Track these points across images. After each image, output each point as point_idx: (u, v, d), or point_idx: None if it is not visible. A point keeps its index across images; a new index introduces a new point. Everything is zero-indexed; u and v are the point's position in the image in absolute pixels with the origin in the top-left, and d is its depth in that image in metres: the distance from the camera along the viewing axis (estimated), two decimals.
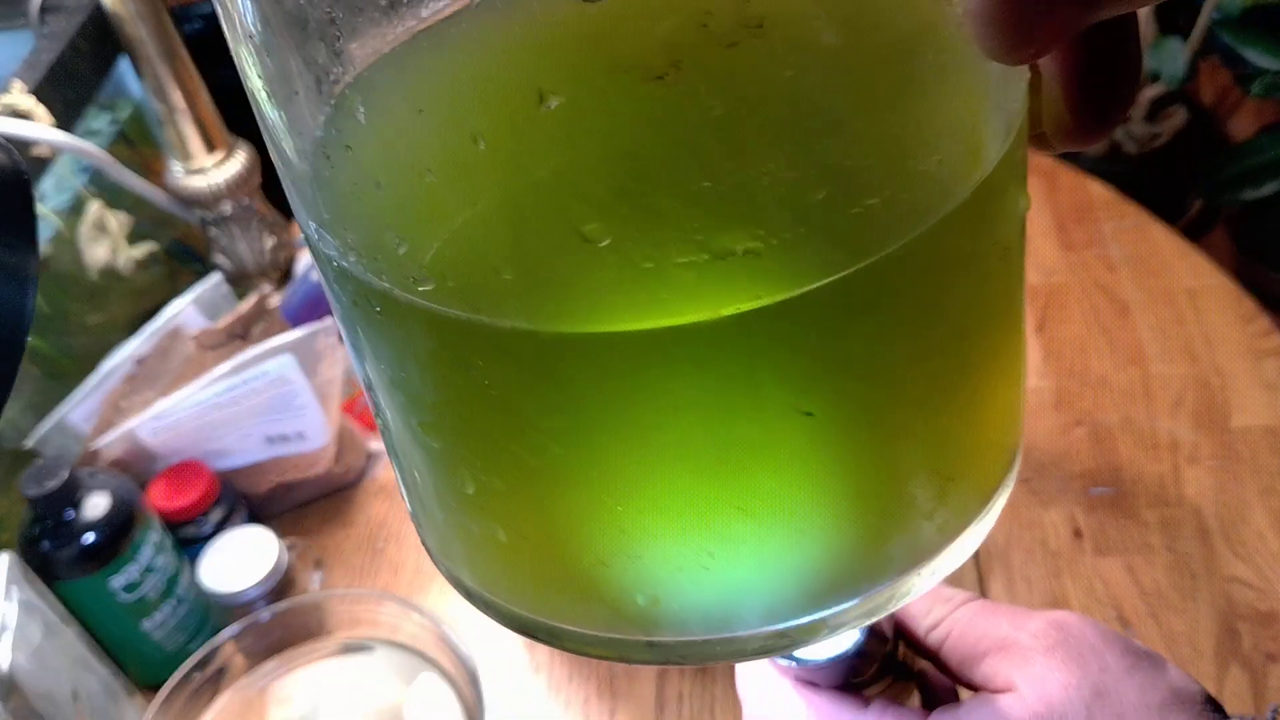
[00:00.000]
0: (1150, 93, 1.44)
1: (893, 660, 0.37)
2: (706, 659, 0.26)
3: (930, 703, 0.37)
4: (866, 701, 0.35)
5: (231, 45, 0.22)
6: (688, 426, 0.22)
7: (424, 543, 0.30)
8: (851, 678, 0.35)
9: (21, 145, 0.69)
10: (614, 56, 0.20)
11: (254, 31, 0.21)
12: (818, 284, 0.20)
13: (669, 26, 0.19)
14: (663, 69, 0.19)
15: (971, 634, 0.36)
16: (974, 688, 0.36)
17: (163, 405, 0.72)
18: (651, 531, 0.23)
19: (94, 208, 0.82)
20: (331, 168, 0.22)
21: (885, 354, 0.22)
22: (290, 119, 0.23)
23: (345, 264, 0.23)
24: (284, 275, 0.92)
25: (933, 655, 0.37)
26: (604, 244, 0.20)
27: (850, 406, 0.22)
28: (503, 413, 0.23)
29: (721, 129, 0.20)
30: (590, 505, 0.23)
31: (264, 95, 0.22)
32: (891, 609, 0.26)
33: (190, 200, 0.86)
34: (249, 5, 0.21)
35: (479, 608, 0.28)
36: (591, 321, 0.21)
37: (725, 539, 0.23)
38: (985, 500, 0.27)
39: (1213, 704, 0.33)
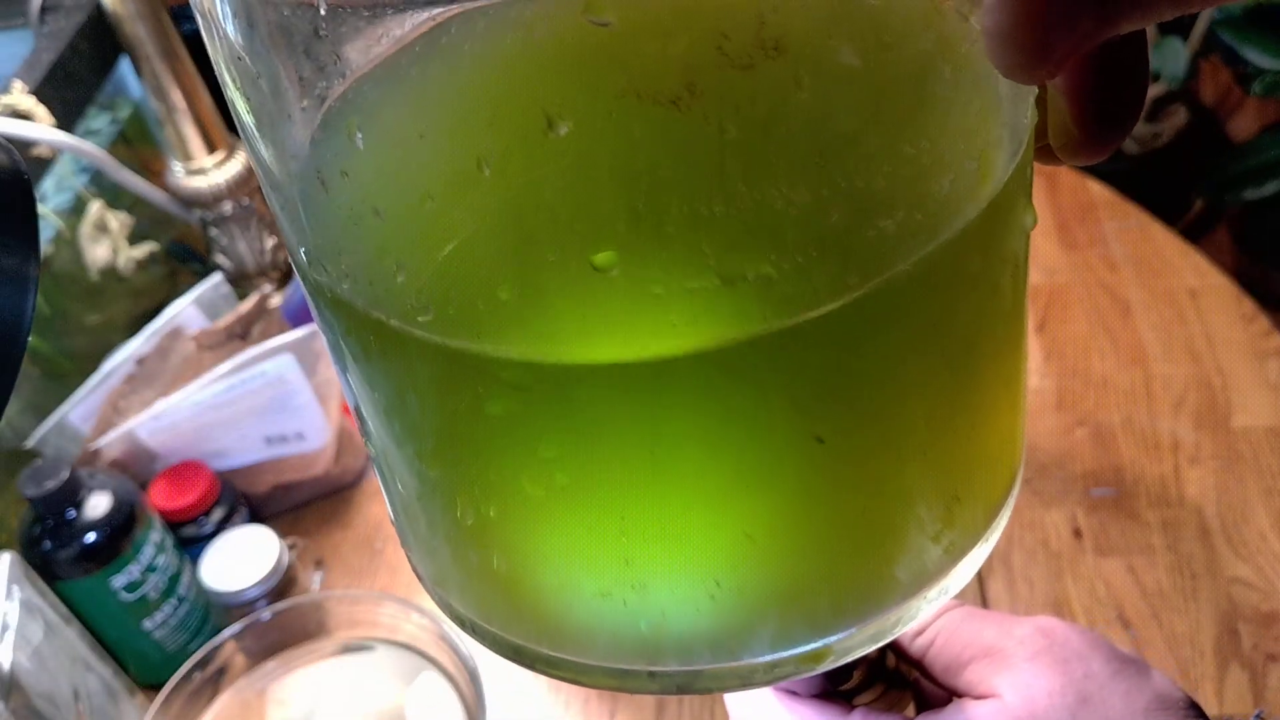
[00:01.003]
0: (1151, 92, 1.44)
1: (881, 668, 0.36)
2: (710, 688, 0.25)
3: (925, 711, 0.37)
4: (850, 709, 0.35)
5: (219, 71, 0.22)
6: (698, 455, 0.21)
7: (414, 568, 0.29)
8: (833, 685, 0.35)
9: (21, 145, 0.69)
10: (626, 78, 0.19)
11: (240, 53, 0.20)
12: (832, 307, 0.20)
13: (683, 48, 0.19)
14: (676, 93, 0.19)
15: (956, 641, 0.35)
16: (958, 694, 0.36)
17: (162, 405, 0.72)
18: (658, 561, 0.23)
19: (94, 208, 0.82)
20: (326, 194, 0.22)
21: (898, 375, 0.22)
22: (281, 144, 0.22)
23: (339, 292, 0.22)
24: (284, 275, 0.92)
25: (916, 662, 0.37)
26: (613, 271, 0.19)
27: (863, 430, 0.22)
28: (505, 443, 0.22)
29: (735, 152, 0.19)
30: (595, 536, 0.23)
31: (252, 121, 0.22)
32: (897, 632, 0.26)
33: (190, 200, 0.86)
34: (233, 25, 0.20)
35: (472, 634, 0.28)
36: (601, 351, 0.20)
37: (733, 567, 0.23)
38: (990, 518, 0.27)
39: (1196, 710, 0.33)
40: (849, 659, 0.26)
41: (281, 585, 0.68)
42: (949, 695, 0.37)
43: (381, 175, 0.21)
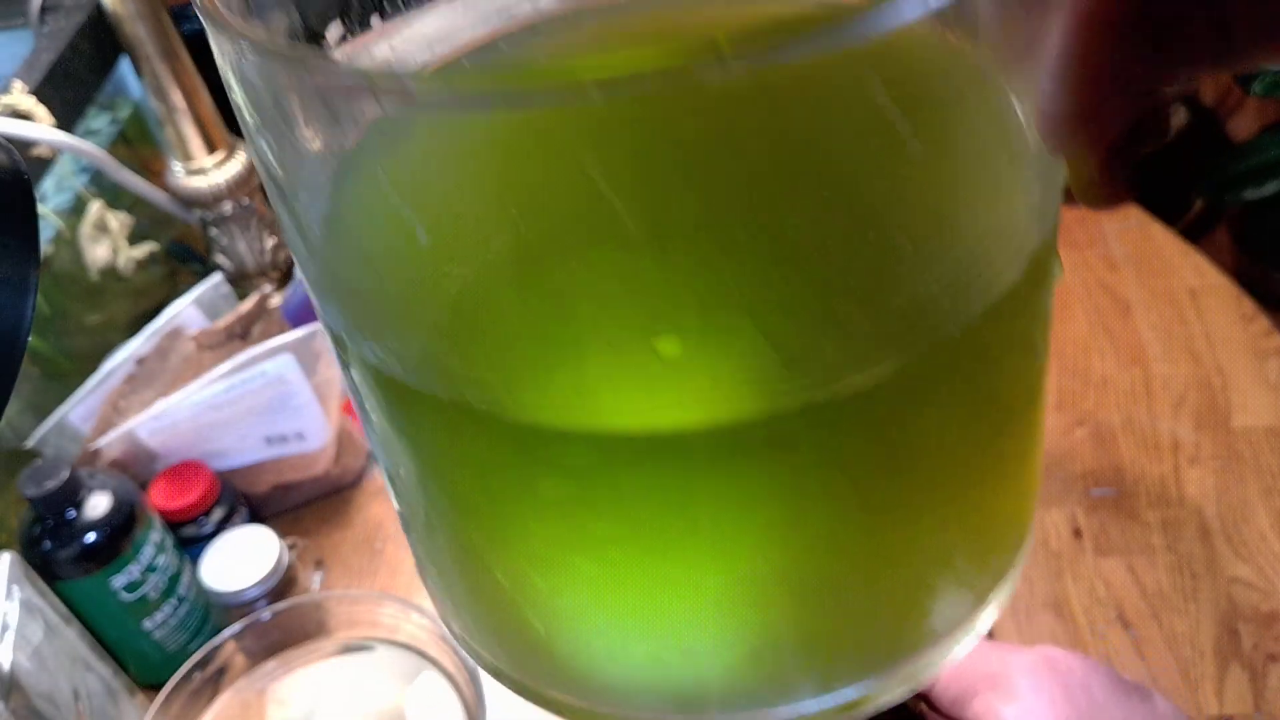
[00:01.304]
0: None
1: None
2: None
3: None
4: None
5: (251, 142, 0.21)
6: (750, 522, 0.21)
7: (448, 626, 0.29)
8: None
9: (21, 145, 0.69)
10: (667, 130, 0.19)
11: (280, 126, 0.20)
12: (884, 375, 0.20)
13: (724, 111, 0.19)
14: (718, 154, 0.19)
15: (962, 674, 0.36)
16: None
17: (162, 405, 0.72)
18: (704, 624, 0.23)
19: (95, 208, 0.82)
20: (376, 276, 0.21)
21: (942, 435, 0.22)
22: (301, 210, 0.21)
23: (385, 367, 0.22)
24: (284, 275, 0.92)
25: (924, 696, 0.37)
26: (666, 346, 0.19)
27: (908, 489, 0.22)
28: (553, 514, 0.22)
29: (778, 223, 0.19)
30: (642, 603, 0.23)
31: (288, 204, 0.21)
32: (931, 676, 0.26)
33: (190, 200, 0.86)
34: (263, 97, 0.19)
35: (508, 685, 0.27)
36: (654, 424, 0.20)
37: (782, 626, 0.23)
38: (1016, 556, 0.27)
39: None
40: (885, 706, 0.26)
41: (281, 585, 0.68)
42: None
43: (426, 251, 0.21)
